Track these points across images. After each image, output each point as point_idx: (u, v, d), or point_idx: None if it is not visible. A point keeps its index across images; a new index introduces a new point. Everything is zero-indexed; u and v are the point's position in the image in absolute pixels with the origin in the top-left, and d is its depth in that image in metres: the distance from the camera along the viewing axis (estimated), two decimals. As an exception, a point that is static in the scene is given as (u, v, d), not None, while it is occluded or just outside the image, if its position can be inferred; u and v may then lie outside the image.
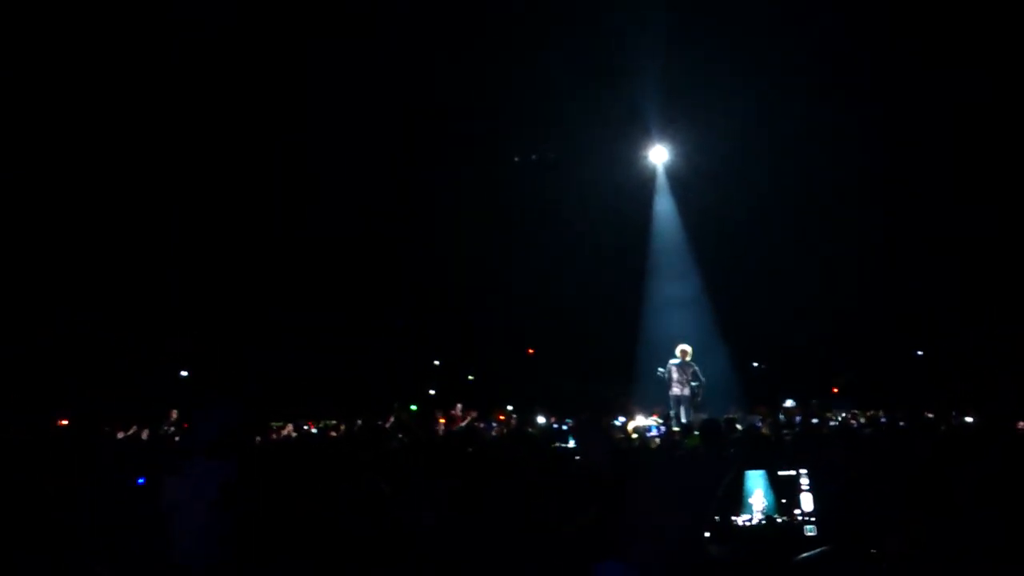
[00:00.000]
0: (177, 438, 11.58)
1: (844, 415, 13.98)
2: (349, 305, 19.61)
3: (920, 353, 19.83)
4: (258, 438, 12.39)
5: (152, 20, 15.07)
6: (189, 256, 18.13)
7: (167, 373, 18.27)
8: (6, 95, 14.43)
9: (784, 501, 3.92)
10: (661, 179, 20.03)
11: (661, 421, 13.54)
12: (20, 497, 5.50)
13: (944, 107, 16.38)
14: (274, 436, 13.35)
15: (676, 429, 11.83)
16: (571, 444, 8.47)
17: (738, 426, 10.63)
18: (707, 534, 4.01)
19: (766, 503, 3.93)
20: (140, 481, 6.02)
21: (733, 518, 3.97)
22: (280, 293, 18.88)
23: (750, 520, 3.94)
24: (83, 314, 16.30)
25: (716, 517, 3.97)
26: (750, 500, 3.96)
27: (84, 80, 15.46)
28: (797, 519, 3.90)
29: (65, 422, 12.83)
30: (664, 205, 20.10)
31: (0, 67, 14.17)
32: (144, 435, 11.85)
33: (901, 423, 11.27)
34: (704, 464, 4.56)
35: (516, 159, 19.34)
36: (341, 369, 18.88)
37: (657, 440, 11.05)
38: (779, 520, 3.90)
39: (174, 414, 12.44)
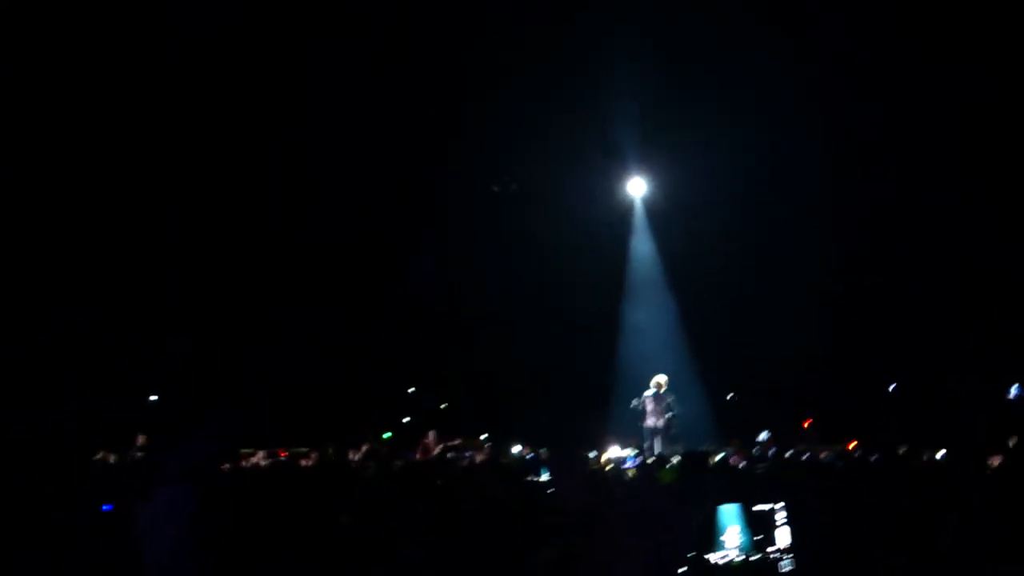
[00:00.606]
0: (145, 464, 11.39)
1: (817, 447, 13.99)
2: (323, 327, 19.42)
3: (893, 387, 19.89)
4: (227, 465, 12.24)
5: (152, 20, 15.07)
6: (189, 256, 17.99)
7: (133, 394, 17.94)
8: (6, 95, 14.34)
9: (759, 538, 3.84)
10: (639, 211, 20.17)
11: (637, 451, 13.51)
12: (20, 497, 5.41)
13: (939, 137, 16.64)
14: (244, 463, 13.18)
15: (651, 461, 11.80)
16: (544, 477, 8.41)
17: (711, 459, 10.61)
18: (681, 570, 3.97)
19: (741, 540, 3.85)
20: (106, 508, 5.93)
21: (707, 556, 3.89)
22: (244, 315, 18.74)
23: (725, 558, 3.85)
24: (83, 314, 16.08)
25: (690, 554, 3.88)
26: (723, 537, 3.88)
27: (84, 79, 15.40)
28: (771, 556, 3.82)
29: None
30: (641, 237, 20.22)
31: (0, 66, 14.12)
32: (112, 459, 11.65)
33: (873, 458, 11.31)
34: (678, 498, 4.53)
35: (495, 189, 19.40)
36: (310, 393, 18.66)
37: (632, 471, 11.00)
38: (753, 558, 3.81)
39: (141, 439, 12.24)
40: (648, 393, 14.73)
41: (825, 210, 18.35)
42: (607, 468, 11.68)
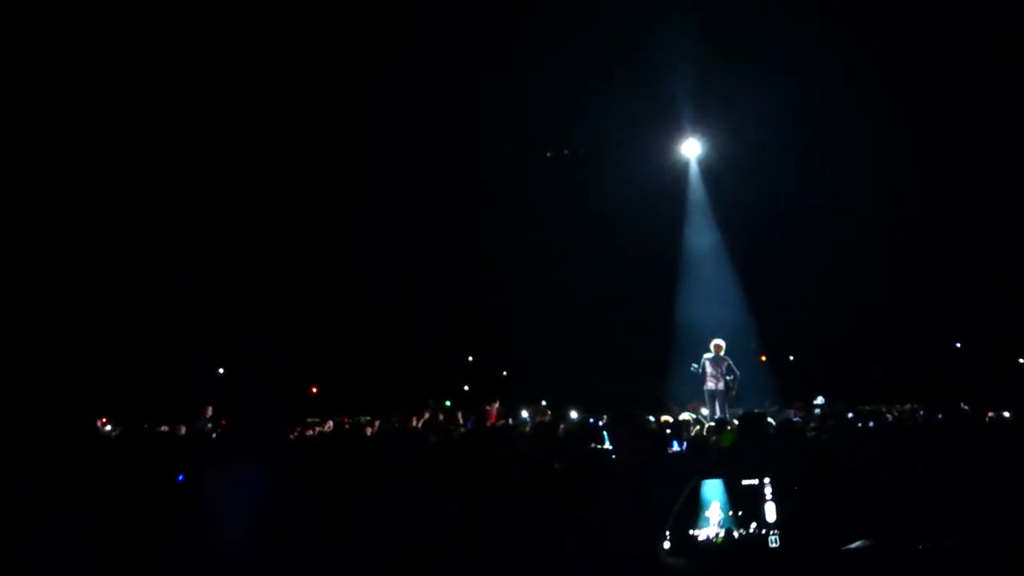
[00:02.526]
0: (214, 435, 11.70)
1: (880, 408, 13.85)
2: (378, 299, 19.66)
3: (959, 345, 19.56)
4: (295, 433, 12.55)
5: (154, 19, 15.27)
6: (211, 249, 18.32)
7: (201, 367, 18.38)
8: (8, 94, 14.65)
9: (742, 513, 3.81)
10: (694, 172, 20.00)
11: (695, 416, 13.52)
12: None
13: (987, 99, 16.20)
14: (310, 432, 13.51)
15: (710, 424, 11.79)
16: (607, 445, 8.45)
17: (770, 420, 10.55)
18: (665, 546, 3.83)
19: (722, 516, 3.83)
20: (179, 478, 6.14)
21: (692, 532, 3.88)
22: (306, 286, 18.99)
23: (709, 535, 3.85)
24: (91, 311, 16.46)
25: (673, 530, 3.86)
26: (707, 513, 3.88)
27: (85, 80, 15.69)
28: (757, 532, 3.78)
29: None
30: (697, 199, 20.05)
31: (1, 66, 14.42)
32: (182, 431, 12.02)
33: (939, 416, 11.15)
34: (672, 470, 4.48)
35: (548, 154, 19.36)
36: (374, 363, 18.96)
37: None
38: (737, 534, 3.80)
39: (209, 410, 12.57)
40: (707, 356, 14.76)
41: (885, 170, 17.98)
42: (667, 432, 11.69)
